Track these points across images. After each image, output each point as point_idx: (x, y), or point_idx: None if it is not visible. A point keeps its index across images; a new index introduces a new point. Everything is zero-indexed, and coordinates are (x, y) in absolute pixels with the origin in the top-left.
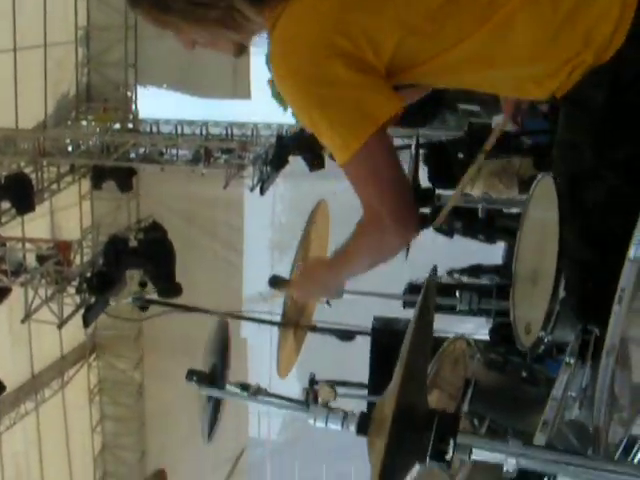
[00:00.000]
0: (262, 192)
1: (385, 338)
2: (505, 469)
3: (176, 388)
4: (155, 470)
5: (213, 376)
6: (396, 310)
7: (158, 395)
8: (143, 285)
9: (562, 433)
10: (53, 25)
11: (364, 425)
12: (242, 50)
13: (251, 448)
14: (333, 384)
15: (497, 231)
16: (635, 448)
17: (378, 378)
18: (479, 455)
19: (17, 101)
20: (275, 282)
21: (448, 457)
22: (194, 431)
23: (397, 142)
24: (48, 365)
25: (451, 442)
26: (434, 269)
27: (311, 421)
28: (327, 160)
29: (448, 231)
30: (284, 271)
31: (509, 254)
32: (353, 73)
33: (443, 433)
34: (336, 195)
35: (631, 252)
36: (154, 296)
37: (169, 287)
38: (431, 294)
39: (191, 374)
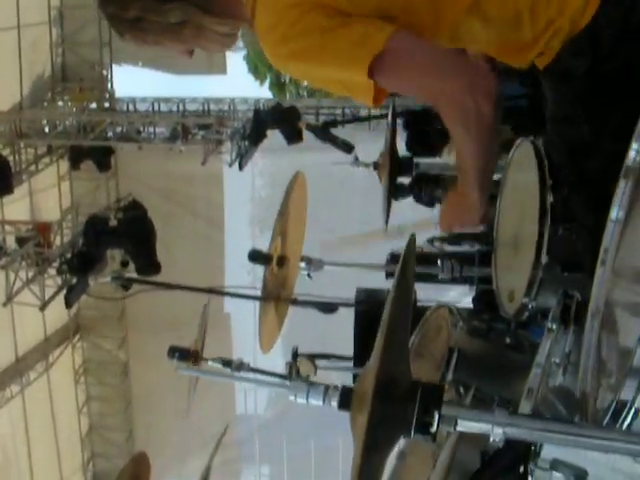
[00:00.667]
0: (241, 167)
1: (369, 309)
2: (492, 439)
3: (161, 367)
4: (136, 454)
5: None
6: (379, 281)
7: (143, 374)
8: (125, 265)
9: (548, 400)
10: (26, 6)
11: (346, 400)
12: (230, 44)
13: (238, 424)
14: (313, 358)
15: None
16: (624, 413)
17: (363, 350)
18: (464, 426)
19: None
20: (255, 256)
21: (433, 429)
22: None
23: (374, 112)
24: (32, 347)
25: (435, 414)
26: (412, 236)
27: (292, 397)
28: (305, 133)
29: (428, 201)
30: (265, 245)
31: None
32: (333, 18)
33: (427, 405)
34: (314, 167)
35: (613, 214)
36: (134, 275)
37: (148, 265)
38: (410, 261)
39: (173, 351)
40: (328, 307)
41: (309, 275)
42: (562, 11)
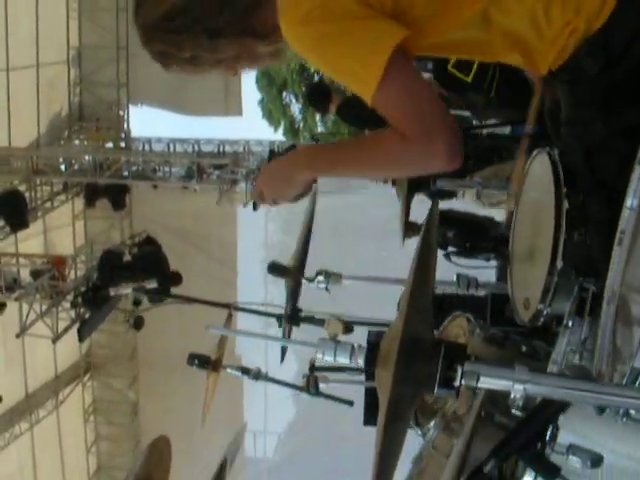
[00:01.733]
0: (255, 208)
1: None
2: (512, 395)
3: (171, 407)
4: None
5: None
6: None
7: (153, 414)
8: (137, 303)
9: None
10: (46, 45)
11: (372, 356)
12: (284, 55)
13: (248, 467)
14: (342, 319)
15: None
16: None
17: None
18: (486, 382)
19: (10, 120)
20: (274, 268)
21: (456, 384)
22: (189, 451)
23: None
24: (42, 385)
25: (459, 369)
26: (435, 201)
27: (320, 355)
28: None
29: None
30: (278, 289)
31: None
32: (362, 6)
33: (451, 361)
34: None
35: (628, 202)
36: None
37: (168, 278)
38: (433, 223)
39: (192, 358)
40: (346, 328)
41: (327, 289)
42: (578, 12)
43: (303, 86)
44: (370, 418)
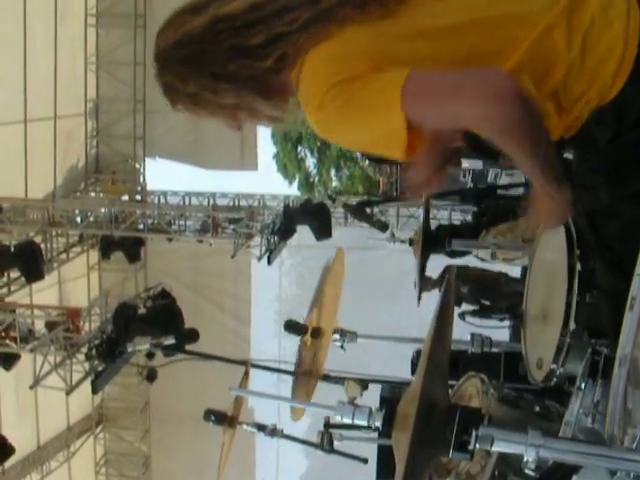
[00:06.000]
0: (269, 262)
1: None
2: (525, 459)
3: (183, 459)
4: None
5: None
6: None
7: (165, 467)
8: (150, 356)
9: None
10: (63, 97)
11: (390, 418)
12: (279, 120)
13: None
14: (360, 381)
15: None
16: None
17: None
18: (500, 446)
19: (27, 171)
20: (290, 326)
21: (470, 447)
22: None
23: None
24: (54, 436)
25: (473, 433)
26: (452, 268)
27: (338, 417)
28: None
29: (456, 299)
30: (291, 343)
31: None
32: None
33: (465, 425)
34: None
35: (639, 268)
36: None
37: (183, 333)
38: (451, 290)
39: (209, 414)
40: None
41: (342, 347)
42: (592, 83)
43: (318, 141)
44: (383, 476)
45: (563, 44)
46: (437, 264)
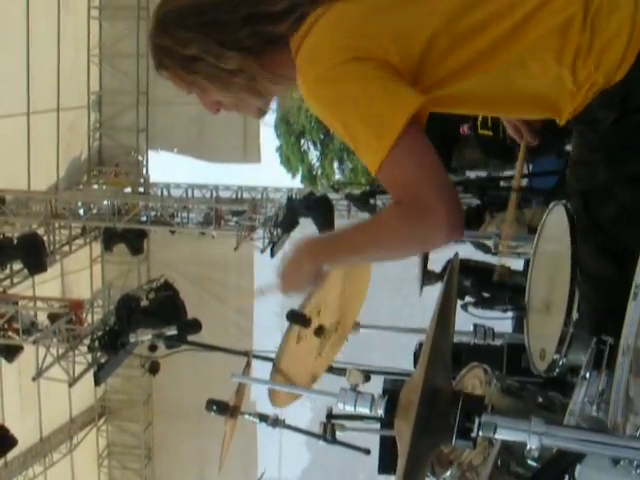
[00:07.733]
0: (272, 254)
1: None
2: (528, 447)
3: (185, 451)
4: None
5: None
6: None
7: (167, 459)
8: (153, 349)
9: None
10: (66, 90)
11: (392, 406)
12: (263, 113)
13: None
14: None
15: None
16: None
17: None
18: (503, 434)
19: (30, 164)
20: (293, 316)
21: (473, 435)
22: None
23: None
24: (57, 428)
25: (476, 421)
26: (456, 255)
27: (341, 405)
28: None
29: (459, 292)
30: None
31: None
32: (376, 70)
33: (468, 412)
34: None
35: None
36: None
37: (185, 324)
38: (454, 275)
39: (211, 404)
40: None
41: (345, 338)
42: (598, 67)
43: (321, 133)
44: (385, 466)
45: (578, 28)
46: (440, 257)
